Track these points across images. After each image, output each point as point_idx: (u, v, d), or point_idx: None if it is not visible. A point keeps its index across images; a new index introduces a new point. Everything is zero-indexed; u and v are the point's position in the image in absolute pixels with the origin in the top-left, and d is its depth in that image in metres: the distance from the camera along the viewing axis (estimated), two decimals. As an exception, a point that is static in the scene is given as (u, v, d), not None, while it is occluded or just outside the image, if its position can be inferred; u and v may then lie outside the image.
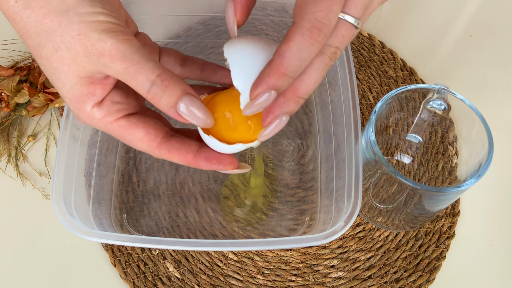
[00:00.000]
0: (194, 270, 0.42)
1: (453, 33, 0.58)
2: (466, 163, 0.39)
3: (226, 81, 0.32)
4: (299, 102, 0.25)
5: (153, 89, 0.24)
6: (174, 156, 0.27)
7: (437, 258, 0.43)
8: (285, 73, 0.23)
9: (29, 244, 0.44)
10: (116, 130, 0.26)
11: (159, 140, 0.27)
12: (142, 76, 0.24)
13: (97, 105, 0.25)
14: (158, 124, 0.27)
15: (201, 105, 0.25)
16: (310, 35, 0.22)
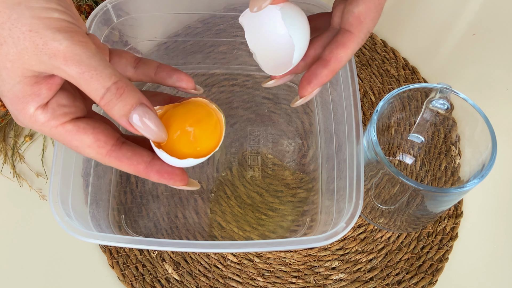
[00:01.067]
0: (193, 272, 0.42)
1: (456, 31, 0.58)
2: (469, 164, 0.39)
3: (180, 84, 0.32)
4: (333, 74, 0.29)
5: (107, 96, 0.23)
6: (124, 166, 0.26)
7: (439, 260, 0.43)
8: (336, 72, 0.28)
9: (26, 245, 0.43)
10: (61, 135, 0.25)
11: (109, 148, 0.25)
12: (98, 83, 0.23)
13: (42, 108, 0.24)
14: (109, 130, 0.26)
15: (155, 117, 0.25)
16: (361, 44, 0.27)
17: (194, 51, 0.50)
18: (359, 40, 0.27)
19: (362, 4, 0.26)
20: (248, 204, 0.45)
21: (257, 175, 0.46)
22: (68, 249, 0.43)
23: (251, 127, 0.48)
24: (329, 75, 0.28)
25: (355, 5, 0.27)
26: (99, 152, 0.25)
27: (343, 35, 0.27)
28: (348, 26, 0.27)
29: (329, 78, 0.28)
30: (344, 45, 0.27)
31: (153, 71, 0.32)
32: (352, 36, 0.27)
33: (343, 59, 0.27)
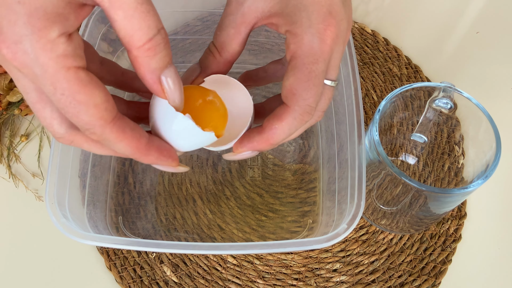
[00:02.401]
0: (192, 274, 0.42)
1: (459, 29, 0.58)
2: (473, 164, 0.39)
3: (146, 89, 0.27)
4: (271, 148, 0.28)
5: (157, 39, 0.20)
6: (126, 139, 0.22)
7: (443, 261, 0.43)
8: (272, 144, 0.27)
9: (22, 247, 0.43)
10: (69, 82, 0.20)
11: (115, 113, 0.21)
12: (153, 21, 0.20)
13: (66, 36, 0.19)
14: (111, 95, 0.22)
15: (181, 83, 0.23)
16: (301, 118, 0.26)
17: (193, 49, 0.50)
18: (295, 113, 0.26)
19: (292, 76, 0.25)
20: (248, 205, 0.45)
21: (257, 176, 0.46)
22: (65, 251, 0.43)
23: (251, 126, 0.48)
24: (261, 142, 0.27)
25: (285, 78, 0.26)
26: (104, 116, 0.21)
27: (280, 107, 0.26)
28: (284, 98, 0.26)
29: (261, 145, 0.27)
30: (280, 118, 0.26)
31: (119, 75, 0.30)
32: (287, 109, 0.26)
33: (277, 130, 0.26)
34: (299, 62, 0.25)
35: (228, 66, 0.29)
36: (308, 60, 0.25)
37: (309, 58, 0.25)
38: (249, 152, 0.29)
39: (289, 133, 0.27)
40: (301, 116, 0.26)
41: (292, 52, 0.25)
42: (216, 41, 0.28)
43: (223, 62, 0.29)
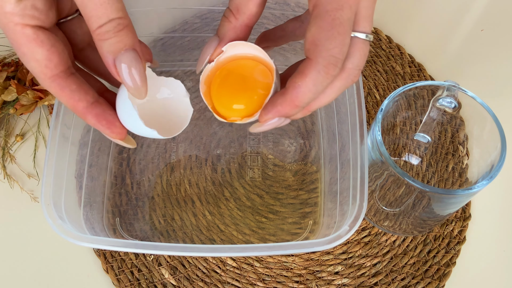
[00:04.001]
0: (191, 277, 0.42)
1: (464, 27, 0.58)
2: (478, 164, 0.39)
3: None
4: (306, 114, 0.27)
5: (106, 26, 0.23)
6: (64, 97, 0.25)
7: (447, 264, 0.43)
8: (298, 105, 0.25)
9: (17, 249, 0.44)
10: (16, 35, 0.24)
11: (56, 72, 0.25)
12: (104, 11, 0.23)
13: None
14: (65, 54, 0.25)
15: (142, 70, 0.24)
16: (326, 71, 0.24)
17: (191, 47, 0.50)
18: (318, 66, 0.24)
19: (314, 26, 0.24)
20: (247, 206, 0.45)
21: (257, 177, 0.46)
22: (61, 253, 0.43)
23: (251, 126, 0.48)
24: (286, 105, 0.25)
25: (308, 30, 0.24)
26: (44, 72, 0.24)
27: (303, 63, 0.25)
28: (306, 52, 0.25)
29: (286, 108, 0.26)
30: (302, 73, 0.24)
31: None
32: (310, 63, 0.24)
33: (301, 87, 0.24)
34: (322, 10, 0.24)
35: (246, 31, 0.28)
36: (331, 7, 0.23)
37: (332, 5, 0.23)
38: (276, 120, 0.27)
39: (315, 90, 0.25)
40: (326, 68, 0.24)
41: (314, 1, 0.24)
42: (231, 4, 0.27)
43: (240, 26, 0.27)
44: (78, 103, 0.25)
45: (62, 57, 0.25)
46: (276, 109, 0.26)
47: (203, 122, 0.48)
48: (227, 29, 0.28)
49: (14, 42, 0.24)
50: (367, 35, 0.25)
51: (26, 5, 0.23)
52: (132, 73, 0.24)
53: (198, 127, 0.48)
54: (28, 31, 0.23)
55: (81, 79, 0.26)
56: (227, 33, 0.28)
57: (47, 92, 0.48)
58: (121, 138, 0.27)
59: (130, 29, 0.24)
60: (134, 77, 0.24)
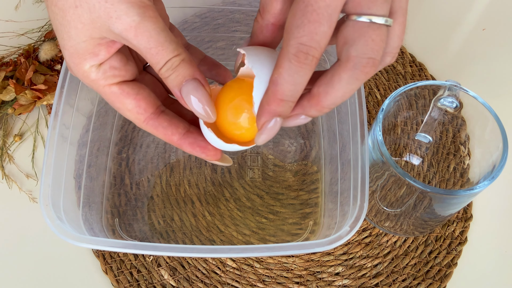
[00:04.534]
0: (190, 278, 0.42)
1: (465, 26, 0.58)
2: (479, 164, 0.39)
3: (219, 79, 0.34)
4: (322, 111, 0.26)
5: (166, 67, 0.26)
6: (159, 134, 0.28)
7: (448, 265, 0.43)
8: (282, 99, 0.24)
9: (15, 250, 0.43)
10: (107, 95, 0.27)
11: (147, 115, 0.28)
12: (161, 57, 0.25)
13: (95, 67, 0.26)
14: (151, 97, 0.28)
15: (205, 96, 0.26)
16: (297, 60, 0.23)
17: (191, 46, 0.50)
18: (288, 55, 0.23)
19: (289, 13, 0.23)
20: (247, 207, 0.45)
21: (257, 177, 0.46)
22: (60, 253, 0.43)
23: (251, 126, 0.48)
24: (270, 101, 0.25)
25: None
26: (138, 118, 0.28)
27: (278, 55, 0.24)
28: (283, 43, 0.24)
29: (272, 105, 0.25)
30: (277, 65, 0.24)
31: (197, 63, 0.35)
32: (282, 52, 0.24)
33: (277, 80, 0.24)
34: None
35: (271, 30, 0.28)
36: None
37: None
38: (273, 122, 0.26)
39: (292, 80, 0.24)
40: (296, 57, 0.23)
41: None
42: (260, 4, 0.27)
43: (266, 25, 0.28)
44: (172, 137, 0.28)
45: (148, 101, 0.28)
46: (264, 109, 0.25)
47: (202, 122, 0.48)
48: (255, 29, 0.28)
49: (108, 100, 0.28)
50: (373, 17, 0.23)
51: (105, 69, 0.27)
52: (196, 100, 0.26)
53: (198, 127, 0.48)
54: (114, 88, 0.27)
55: (172, 114, 0.29)
56: (255, 33, 0.28)
57: (46, 92, 0.48)
58: (216, 159, 0.30)
59: (187, 62, 0.26)
60: (197, 104, 0.26)
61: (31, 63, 0.49)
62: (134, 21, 0.24)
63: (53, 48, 0.50)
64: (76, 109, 0.38)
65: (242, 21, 0.47)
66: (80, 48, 0.26)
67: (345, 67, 0.24)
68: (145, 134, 0.47)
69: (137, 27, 0.24)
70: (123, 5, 0.24)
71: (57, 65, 0.51)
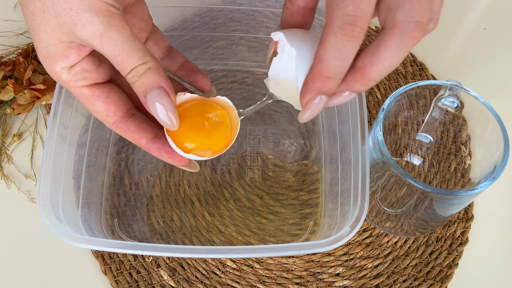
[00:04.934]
0: (190, 279, 0.42)
1: (466, 25, 0.58)
2: (480, 165, 0.39)
3: (197, 85, 0.35)
4: (368, 84, 0.25)
5: (131, 73, 0.26)
6: (128, 137, 0.30)
7: (449, 265, 0.43)
8: (328, 76, 0.24)
9: (14, 250, 0.43)
10: (78, 96, 0.28)
11: (116, 118, 0.29)
12: (127, 64, 0.26)
13: (66, 69, 0.27)
14: (122, 100, 0.29)
15: (169, 104, 0.27)
16: (343, 33, 0.22)
17: (191, 46, 0.50)
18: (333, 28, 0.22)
19: None
20: (247, 207, 0.45)
21: (257, 177, 0.46)
22: (59, 254, 0.43)
23: (250, 126, 0.48)
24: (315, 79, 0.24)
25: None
26: (107, 120, 0.29)
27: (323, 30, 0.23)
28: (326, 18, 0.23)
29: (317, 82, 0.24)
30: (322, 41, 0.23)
31: (176, 67, 0.36)
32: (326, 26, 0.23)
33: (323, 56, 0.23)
34: None
35: (302, 14, 0.28)
36: None
37: None
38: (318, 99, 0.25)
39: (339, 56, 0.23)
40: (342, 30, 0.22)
41: None
42: None
43: (297, 10, 0.27)
44: (139, 140, 0.30)
45: (118, 104, 0.29)
46: (309, 87, 0.25)
47: (202, 122, 0.48)
48: (285, 16, 0.28)
49: (79, 100, 0.29)
50: None
51: (76, 71, 0.27)
52: (161, 108, 0.27)
53: (198, 127, 0.48)
54: (85, 90, 0.28)
55: (142, 118, 0.30)
56: (285, 20, 0.28)
57: (45, 91, 0.48)
58: (183, 165, 0.31)
59: (154, 70, 0.27)
60: (162, 112, 0.27)
61: (30, 63, 0.49)
62: (99, 30, 0.25)
63: (52, 48, 0.50)
64: (75, 108, 0.38)
65: (242, 20, 0.47)
66: (51, 50, 0.26)
67: (392, 34, 0.23)
68: (145, 134, 0.47)
69: (101, 35, 0.25)
70: (88, 13, 0.25)
71: (56, 64, 0.51)
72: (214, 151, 0.30)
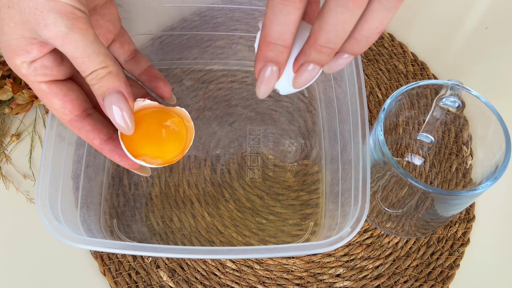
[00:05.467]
0: (190, 280, 0.42)
1: (468, 25, 0.58)
2: (482, 165, 0.39)
3: (157, 92, 0.36)
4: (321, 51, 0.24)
5: (91, 76, 0.27)
6: (82, 136, 0.30)
7: (450, 266, 0.43)
8: (270, 42, 0.23)
9: (12, 251, 0.43)
10: (36, 90, 0.29)
11: (72, 117, 0.29)
12: (87, 67, 0.27)
13: (26, 63, 0.28)
14: (80, 100, 0.30)
15: (127, 109, 0.28)
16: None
17: (190, 45, 0.50)
18: None
19: None
20: (247, 207, 0.45)
21: (257, 177, 0.46)
22: (57, 255, 0.43)
23: (250, 126, 0.48)
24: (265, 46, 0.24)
25: None
26: (62, 117, 0.30)
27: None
28: None
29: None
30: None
31: (139, 72, 0.37)
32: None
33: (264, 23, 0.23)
34: None
35: None
36: None
37: None
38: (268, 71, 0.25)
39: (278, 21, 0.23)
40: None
41: None
42: None
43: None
44: (93, 141, 0.30)
45: (76, 103, 0.29)
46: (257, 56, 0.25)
47: (202, 122, 0.48)
48: None
49: (37, 95, 0.29)
50: None
51: (36, 66, 0.28)
52: (117, 112, 0.28)
53: (197, 127, 0.48)
54: (43, 86, 0.28)
55: (98, 118, 0.31)
56: None
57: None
58: (134, 169, 0.32)
59: (114, 75, 0.28)
60: (118, 116, 0.28)
61: (29, 62, 0.49)
62: (61, 32, 0.25)
63: (51, 47, 0.50)
64: (74, 108, 0.38)
65: (242, 19, 0.47)
66: (12, 44, 0.27)
67: None
68: (144, 134, 0.47)
69: (64, 37, 0.26)
70: (52, 14, 0.25)
71: (55, 64, 0.51)
72: (164, 161, 0.31)
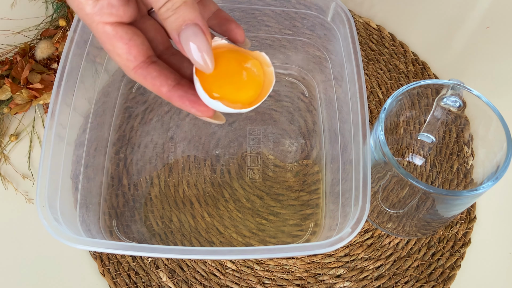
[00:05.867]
0: (189, 280, 0.42)
1: (469, 24, 0.58)
2: (483, 165, 0.39)
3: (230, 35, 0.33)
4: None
5: (167, 5, 0.25)
6: (148, 84, 0.28)
7: (451, 267, 0.43)
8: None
9: (11, 251, 0.43)
10: (99, 33, 0.27)
11: (137, 63, 0.27)
12: None
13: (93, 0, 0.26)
14: (144, 45, 0.28)
15: (205, 43, 0.26)
16: None
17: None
18: None
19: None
20: (247, 208, 0.45)
21: (257, 177, 0.46)
22: (56, 255, 0.43)
23: (250, 126, 0.48)
24: None
25: None
26: (126, 64, 0.27)
27: None
28: None
29: None
30: None
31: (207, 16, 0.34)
32: None
33: None
34: None
35: None
36: None
37: None
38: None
39: None
40: None
41: None
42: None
43: None
44: (161, 88, 0.28)
45: (141, 48, 0.27)
46: None
47: (201, 122, 0.48)
48: None
49: (99, 39, 0.27)
50: None
51: (102, 4, 0.26)
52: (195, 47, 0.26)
53: (197, 127, 0.48)
54: (108, 28, 0.26)
55: (163, 66, 0.28)
56: None
57: (42, 91, 0.48)
58: (208, 116, 0.29)
59: (189, 5, 0.25)
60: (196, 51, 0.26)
61: (27, 62, 0.49)
62: None
63: (50, 47, 0.50)
64: (73, 108, 0.38)
65: (241, 19, 0.47)
66: None
67: None
68: (143, 134, 0.47)
69: None
70: None
71: (54, 63, 0.51)
72: (243, 104, 0.28)
